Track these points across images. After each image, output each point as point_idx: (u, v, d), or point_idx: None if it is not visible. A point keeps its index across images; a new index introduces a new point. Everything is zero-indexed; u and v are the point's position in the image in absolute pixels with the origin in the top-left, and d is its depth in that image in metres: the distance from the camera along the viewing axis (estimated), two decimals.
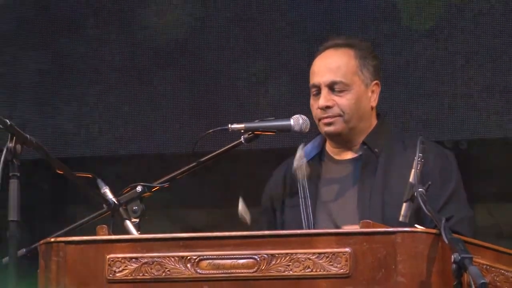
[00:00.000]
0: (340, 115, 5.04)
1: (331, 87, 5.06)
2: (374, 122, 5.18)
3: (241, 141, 5.00)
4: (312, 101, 5.11)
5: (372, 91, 5.12)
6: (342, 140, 5.11)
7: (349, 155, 5.16)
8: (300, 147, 5.12)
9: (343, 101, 5.05)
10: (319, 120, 5.07)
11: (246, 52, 7.71)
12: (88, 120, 7.93)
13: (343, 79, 5.06)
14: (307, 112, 5.14)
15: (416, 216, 4.52)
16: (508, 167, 7.02)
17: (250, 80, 7.56)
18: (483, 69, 7.31)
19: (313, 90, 5.10)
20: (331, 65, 5.11)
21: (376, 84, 5.14)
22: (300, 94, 5.40)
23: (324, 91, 5.06)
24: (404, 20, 7.55)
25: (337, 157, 5.17)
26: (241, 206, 4.94)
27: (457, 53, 7.38)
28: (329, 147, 5.18)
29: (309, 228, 4.99)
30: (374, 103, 5.13)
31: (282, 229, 5.09)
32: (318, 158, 5.17)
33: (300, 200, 5.09)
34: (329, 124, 5.03)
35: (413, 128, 5.63)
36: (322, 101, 5.04)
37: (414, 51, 7.31)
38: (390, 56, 7.03)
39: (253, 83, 7.50)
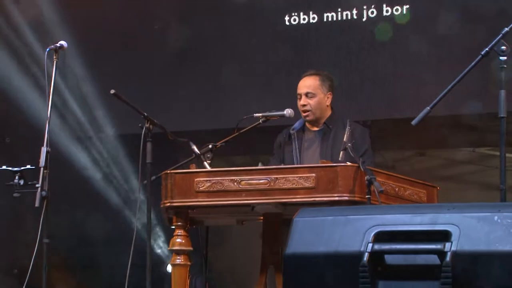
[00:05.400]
0: (310, 110, 5.10)
1: (306, 95, 5.11)
2: (329, 112, 5.17)
3: (259, 122, 5.02)
4: (298, 103, 5.14)
5: (327, 98, 5.14)
6: (312, 121, 5.16)
7: (317, 128, 5.17)
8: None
9: (312, 102, 5.11)
10: (302, 112, 5.13)
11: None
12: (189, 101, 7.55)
13: (311, 90, 5.11)
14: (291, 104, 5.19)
15: (348, 159, 4.54)
16: (393, 133, 7.00)
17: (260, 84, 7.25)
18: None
19: (298, 96, 5.15)
20: (306, 84, 5.15)
21: (330, 94, 5.15)
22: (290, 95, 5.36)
23: (303, 97, 5.12)
24: None
25: (311, 129, 5.18)
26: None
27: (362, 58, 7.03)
28: (307, 124, 5.19)
29: (297, 164, 5.00)
30: (328, 103, 5.14)
31: (282, 163, 5.09)
32: (302, 129, 5.17)
33: (293, 149, 5.11)
34: (306, 116, 5.11)
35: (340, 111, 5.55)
36: (302, 102, 5.12)
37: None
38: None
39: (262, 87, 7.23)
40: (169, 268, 7.37)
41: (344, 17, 7.10)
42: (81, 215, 7.63)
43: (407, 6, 6.90)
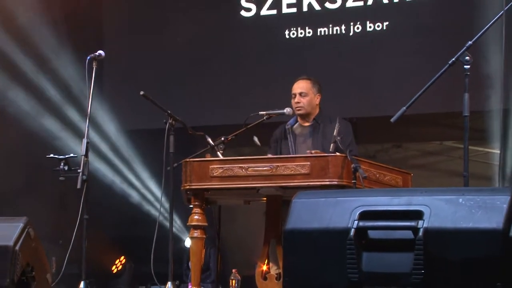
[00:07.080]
0: (303, 106, 5.06)
1: (300, 94, 5.07)
2: (318, 110, 5.12)
3: (264, 119, 4.98)
4: (292, 101, 5.09)
5: (317, 98, 5.09)
6: (303, 116, 5.10)
7: (308, 124, 5.11)
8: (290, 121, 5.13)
9: (304, 100, 5.06)
10: (296, 108, 5.06)
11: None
12: (202, 100, 7.53)
13: (304, 90, 5.07)
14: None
15: (337, 150, 4.53)
16: (375, 129, 7.01)
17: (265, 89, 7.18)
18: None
19: (293, 96, 5.11)
20: (300, 85, 5.11)
21: (319, 95, 5.11)
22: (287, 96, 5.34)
23: (297, 96, 5.07)
24: None
25: (303, 124, 5.12)
26: (256, 139, 4.82)
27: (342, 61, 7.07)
28: (299, 120, 5.12)
29: (293, 154, 4.94)
30: (317, 102, 5.10)
31: (280, 154, 5.01)
32: (295, 125, 5.11)
33: (289, 142, 5.05)
34: (299, 110, 5.06)
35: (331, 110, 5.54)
36: (296, 100, 5.07)
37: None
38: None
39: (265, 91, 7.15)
40: (186, 243, 7.39)
41: (335, 32, 7.18)
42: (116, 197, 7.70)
43: (387, 23, 6.97)
